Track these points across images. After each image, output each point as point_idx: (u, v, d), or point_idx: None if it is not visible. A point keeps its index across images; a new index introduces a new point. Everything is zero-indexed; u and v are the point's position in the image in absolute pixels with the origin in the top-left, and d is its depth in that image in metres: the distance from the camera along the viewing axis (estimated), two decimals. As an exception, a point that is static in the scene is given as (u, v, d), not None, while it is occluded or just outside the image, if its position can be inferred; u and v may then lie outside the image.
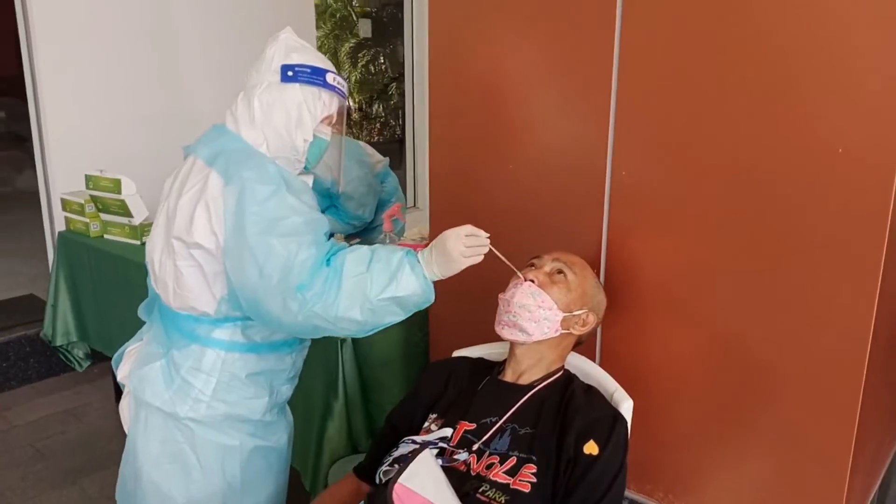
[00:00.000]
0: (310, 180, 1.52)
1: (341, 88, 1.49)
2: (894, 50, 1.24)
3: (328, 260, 1.31)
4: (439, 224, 2.01)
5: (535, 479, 1.28)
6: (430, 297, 1.34)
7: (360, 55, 10.16)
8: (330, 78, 1.45)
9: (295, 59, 1.43)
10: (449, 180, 1.97)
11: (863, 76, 1.28)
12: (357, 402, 2.05)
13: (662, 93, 1.52)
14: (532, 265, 1.49)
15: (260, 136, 1.41)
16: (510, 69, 1.77)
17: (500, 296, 1.46)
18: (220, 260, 1.35)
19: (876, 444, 1.75)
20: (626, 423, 1.37)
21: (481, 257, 1.35)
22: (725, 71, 1.43)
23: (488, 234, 1.35)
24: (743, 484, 1.57)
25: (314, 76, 1.43)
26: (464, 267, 1.33)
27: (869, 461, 1.68)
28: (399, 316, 1.34)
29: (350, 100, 10.63)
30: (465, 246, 1.31)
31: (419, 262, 1.32)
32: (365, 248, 1.35)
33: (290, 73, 1.42)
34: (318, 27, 9.98)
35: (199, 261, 1.37)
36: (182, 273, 1.38)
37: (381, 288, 1.29)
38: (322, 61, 1.46)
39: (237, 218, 1.30)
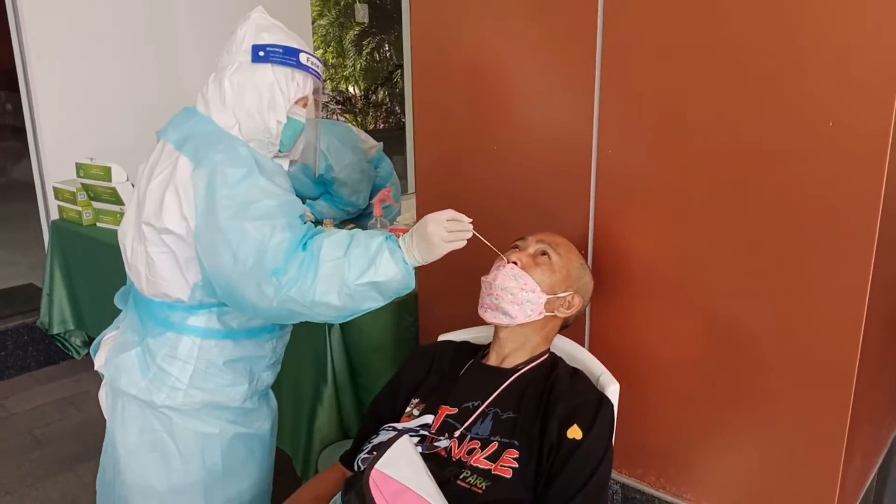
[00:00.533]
0: (285, 163, 1.49)
1: (316, 69, 1.45)
2: (882, 22, 1.20)
3: (305, 244, 1.28)
4: (426, 208, 1.98)
5: (516, 465, 1.25)
6: (410, 284, 1.30)
7: (364, 42, 10.11)
8: (303, 58, 1.41)
9: (266, 39, 1.39)
10: (434, 164, 1.95)
11: (852, 48, 1.23)
12: (346, 388, 2.03)
13: (648, 69, 1.48)
14: (516, 247, 1.45)
15: (231, 118, 1.38)
16: (493, 49, 1.74)
17: (483, 278, 1.43)
18: (193, 245, 1.32)
19: (875, 425, 1.72)
20: (611, 406, 1.34)
21: (464, 242, 1.31)
22: (711, 46, 1.39)
23: (471, 220, 1.31)
24: (735, 466, 1.55)
25: (286, 56, 1.39)
26: (445, 252, 1.29)
27: (867, 443, 1.65)
28: (378, 302, 1.30)
29: (356, 87, 10.60)
30: (447, 231, 1.28)
31: (399, 247, 1.29)
32: (343, 232, 1.31)
33: (261, 54, 1.38)
34: (322, 15, 9.97)
35: (171, 246, 1.34)
36: (154, 260, 1.35)
37: (358, 273, 1.25)
38: (295, 41, 1.42)
39: (208, 202, 1.27)
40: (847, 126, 1.26)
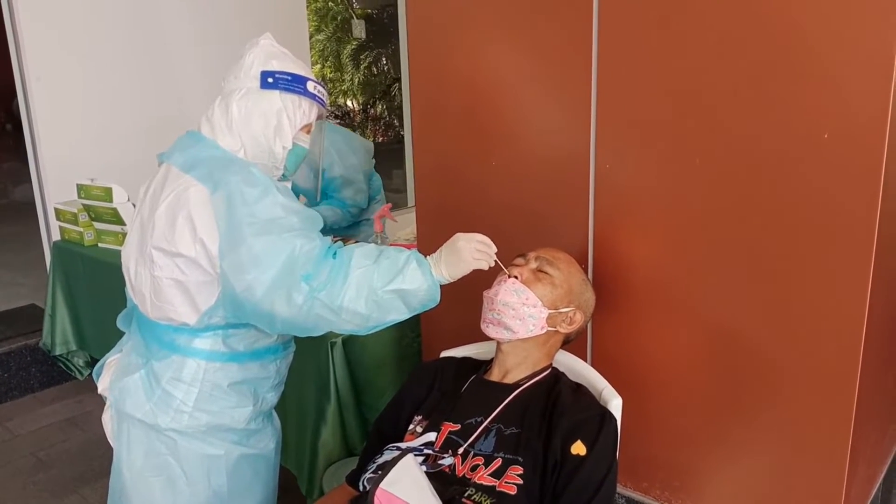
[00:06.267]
0: (288, 185, 1.50)
1: (321, 97, 1.47)
2: (877, 33, 1.21)
3: (334, 253, 1.31)
4: (426, 223, 1.99)
5: (521, 481, 1.26)
6: (436, 297, 1.34)
7: (361, 57, 10.16)
8: (311, 86, 1.44)
9: (275, 66, 1.41)
10: (433, 179, 1.96)
11: (846, 61, 1.24)
12: (350, 406, 2.03)
13: (643, 82, 1.49)
14: (517, 263, 1.46)
15: (237, 142, 1.40)
16: (489, 65, 1.75)
17: (485, 293, 1.43)
18: (206, 269, 1.33)
19: (879, 433, 1.72)
20: (614, 421, 1.34)
21: (486, 266, 1.36)
22: (707, 60, 1.40)
23: (496, 250, 1.38)
24: (740, 478, 1.55)
25: (295, 84, 1.41)
26: (471, 269, 1.35)
27: (871, 451, 1.65)
28: (403, 314, 1.33)
29: (354, 101, 10.64)
30: (476, 250, 1.34)
31: (426, 261, 1.34)
32: (372, 245, 1.36)
33: (270, 80, 1.40)
34: (319, 30, 10.03)
35: (184, 269, 1.34)
36: (160, 284, 1.36)
37: (387, 280, 1.28)
38: (302, 69, 1.44)
39: (230, 222, 1.28)
40: (842, 137, 1.27)
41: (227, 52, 1.48)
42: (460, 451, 1.32)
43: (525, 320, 1.38)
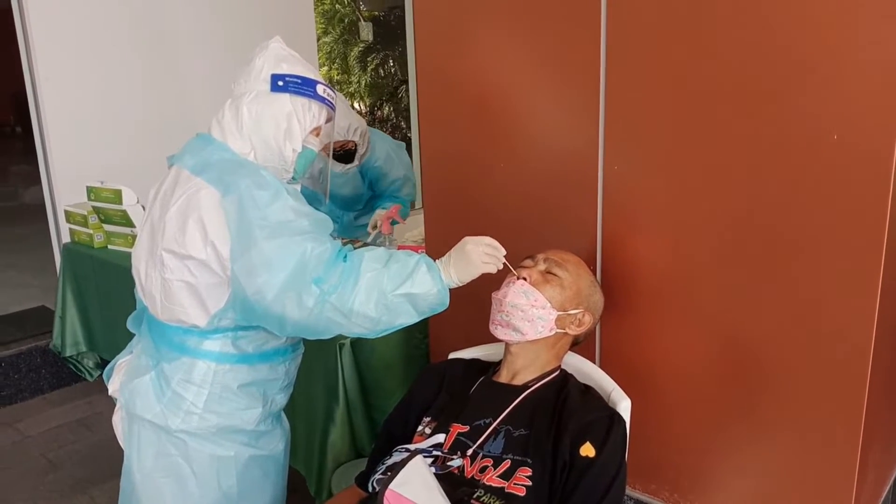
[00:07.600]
0: (297, 188, 1.51)
1: (331, 100, 1.48)
2: (886, 33, 1.20)
3: (345, 256, 1.32)
4: (434, 225, 2.00)
5: (530, 483, 1.26)
6: (445, 300, 1.34)
7: (368, 59, 10.18)
8: (320, 89, 1.45)
9: (285, 69, 1.42)
10: (441, 181, 1.96)
11: (853, 62, 1.24)
12: (358, 407, 2.04)
13: (652, 84, 1.49)
14: (525, 265, 1.46)
15: (247, 144, 1.40)
16: (496, 68, 1.75)
17: (494, 294, 1.44)
18: (217, 271, 1.34)
19: (889, 436, 1.71)
20: (623, 423, 1.34)
21: (495, 269, 1.37)
22: (715, 61, 1.40)
23: (505, 253, 1.38)
24: (750, 479, 1.54)
25: (304, 87, 1.42)
26: (480, 272, 1.36)
27: (881, 454, 1.64)
28: (412, 317, 1.34)
29: (361, 103, 10.66)
30: (485, 253, 1.35)
31: (436, 265, 1.35)
32: (382, 249, 1.37)
33: (279, 83, 1.41)
34: (327, 33, 10.05)
35: (194, 272, 1.35)
36: (171, 286, 1.37)
37: (396, 284, 1.29)
38: (312, 72, 1.45)
39: (241, 226, 1.29)
40: (851, 139, 1.26)
41: (236, 56, 1.49)
42: (469, 452, 1.33)
43: (534, 322, 1.38)
